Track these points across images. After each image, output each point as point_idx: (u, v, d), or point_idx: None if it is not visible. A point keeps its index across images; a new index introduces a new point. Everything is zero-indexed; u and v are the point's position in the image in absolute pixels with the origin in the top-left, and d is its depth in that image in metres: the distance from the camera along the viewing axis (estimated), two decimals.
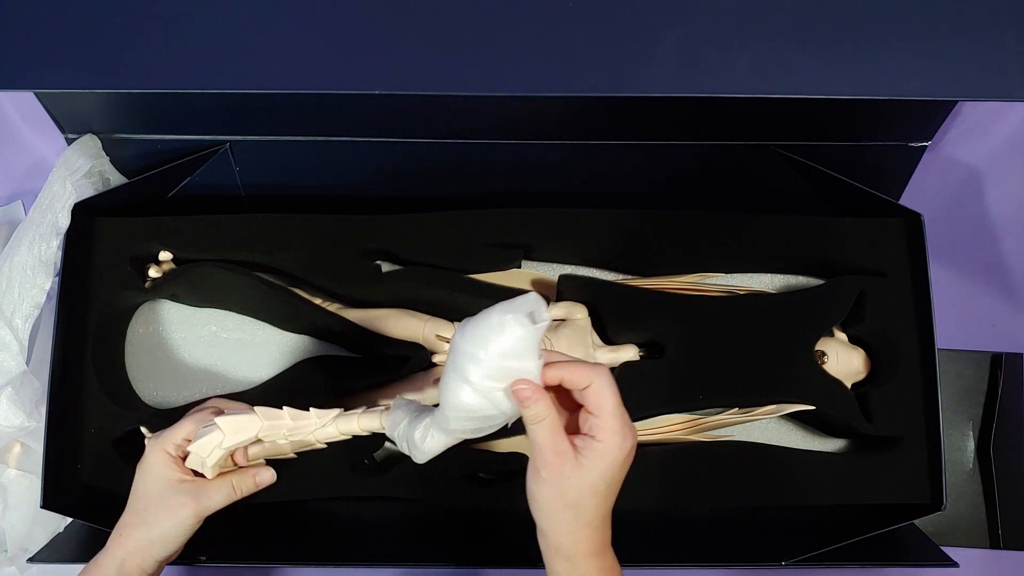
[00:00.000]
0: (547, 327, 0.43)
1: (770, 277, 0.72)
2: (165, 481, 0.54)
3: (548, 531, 0.47)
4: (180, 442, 0.54)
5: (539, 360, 0.44)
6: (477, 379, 0.43)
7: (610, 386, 0.45)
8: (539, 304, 0.43)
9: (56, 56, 0.51)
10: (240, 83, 0.51)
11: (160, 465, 0.54)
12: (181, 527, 0.53)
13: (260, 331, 0.68)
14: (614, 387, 0.45)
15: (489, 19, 0.52)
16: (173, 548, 0.54)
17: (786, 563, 0.63)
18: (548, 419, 0.45)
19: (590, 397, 0.45)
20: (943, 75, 0.52)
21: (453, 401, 0.45)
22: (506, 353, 0.43)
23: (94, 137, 0.67)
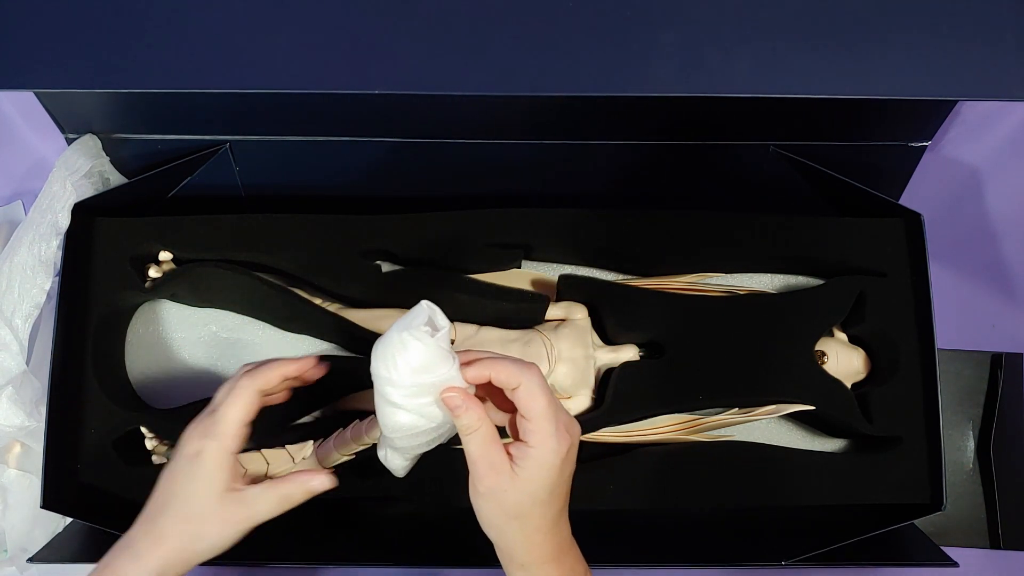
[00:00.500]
0: (449, 331, 0.44)
1: (770, 277, 0.72)
2: (221, 487, 0.48)
3: (499, 543, 0.46)
4: (238, 431, 0.48)
5: (454, 364, 0.43)
6: (400, 399, 0.43)
7: (540, 386, 0.43)
8: (434, 311, 0.44)
9: (56, 56, 0.51)
10: (240, 83, 0.51)
11: (219, 467, 0.47)
12: (229, 542, 0.48)
13: (260, 331, 0.68)
14: (544, 387, 0.43)
15: (489, 19, 0.52)
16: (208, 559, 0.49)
17: (786, 563, 0.63)
18: (480, 430, 0.43)
19: (520, 399, 0.43)
20: (943, 75, 0.52)
21: (389, 423, 0.45)
22: (416, 369, 0.43)
23: (94, 137, 0.67)
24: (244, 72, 0.51)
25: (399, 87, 0.51)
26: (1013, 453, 0.73)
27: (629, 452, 0.65)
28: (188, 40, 0.51)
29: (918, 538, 0.68)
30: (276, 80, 0.51)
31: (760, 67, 0.51)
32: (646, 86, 0.51)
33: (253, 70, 0.51)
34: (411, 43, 0.52)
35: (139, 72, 0.51)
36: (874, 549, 0.65)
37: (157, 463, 0.63)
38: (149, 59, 0.51)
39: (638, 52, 0.51)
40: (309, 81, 0.51)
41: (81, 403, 0.62)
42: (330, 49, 0.52)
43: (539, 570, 0.46)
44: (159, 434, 0.64)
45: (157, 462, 0.63)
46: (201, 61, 0.51)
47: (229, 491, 0.48)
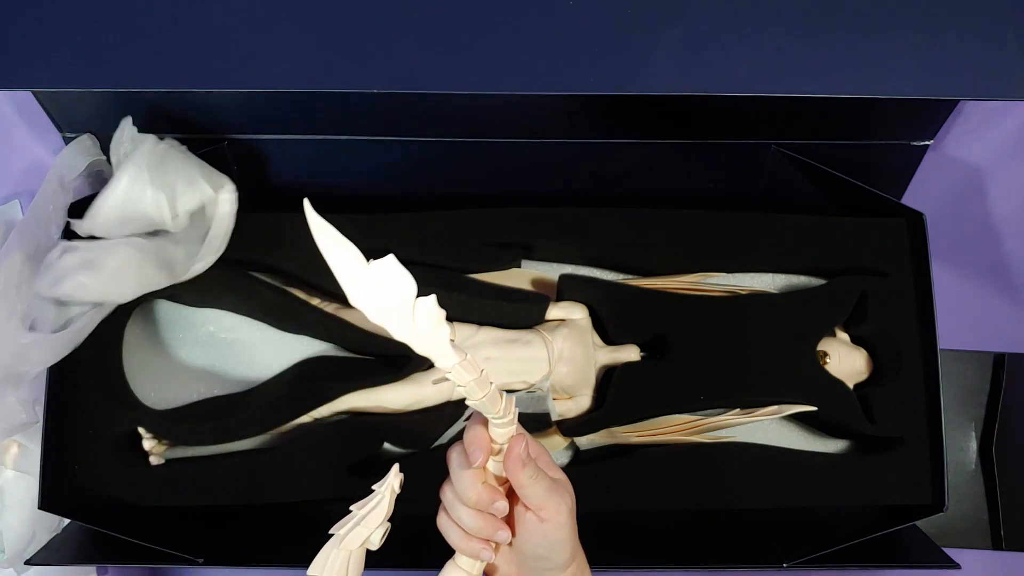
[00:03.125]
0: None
1: (772, 277, 0.71)
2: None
3: (568, 559, 0.48)
4: None
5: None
6: None
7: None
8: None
9: (54, 55, 0.51)
10: (239, 82, 0.51)
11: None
12: None
13: (258, 331, 0.68)
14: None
15: (489, 18, 0.51)
16: None
17: (787, 565, 0.63)
18: (543, 478, 0.46)
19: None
20: (945, 74, 0.51)
21: None
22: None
23: (92, 136, 0.67)
24: (242, 71, 0.51)
25: (398, 86, 0.51)
26: (1015, 454, 0.73)
27: (630, 453, 0.65)
28: (186, 39, 0.51)
29: (920, 539, 0.68)
30: (274, 79, 0.51)
31: (761, 66, 0.51)
32: (646, 85, 0.51)
33: (251, 69, 0.51)
34: (411, 42, 0.51)
35: (137, 71, 0.51)
36: (876, 550, 0.64)
37: (155, 464, 0.63)
38: (147, 58, 0.51)
39: (638, 52, 0.51)
40: (308, 80, 0.51)
41: (79, 403, 0.62)
42: (329, 48, 0.51)
43: (586, 563, 0.50)
44: (157, 434, 0.63)
45: (155, 463, 0.63)
46: (199, 60, 0.51)
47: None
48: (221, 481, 0.62)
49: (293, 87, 0.51)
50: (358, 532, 0.46)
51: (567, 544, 0.47)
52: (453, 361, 0.41)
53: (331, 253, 0.39)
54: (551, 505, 0.45)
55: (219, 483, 0.62)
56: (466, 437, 0.45)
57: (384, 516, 0.46)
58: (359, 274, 0.39)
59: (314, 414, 0.64)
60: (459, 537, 0.47)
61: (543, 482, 0.45)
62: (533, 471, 0.45)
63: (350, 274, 0.39)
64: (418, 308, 0.39)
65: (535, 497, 0.45)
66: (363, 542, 0.46)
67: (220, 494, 0.62)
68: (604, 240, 0.68)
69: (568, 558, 0.48)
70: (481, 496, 0.45)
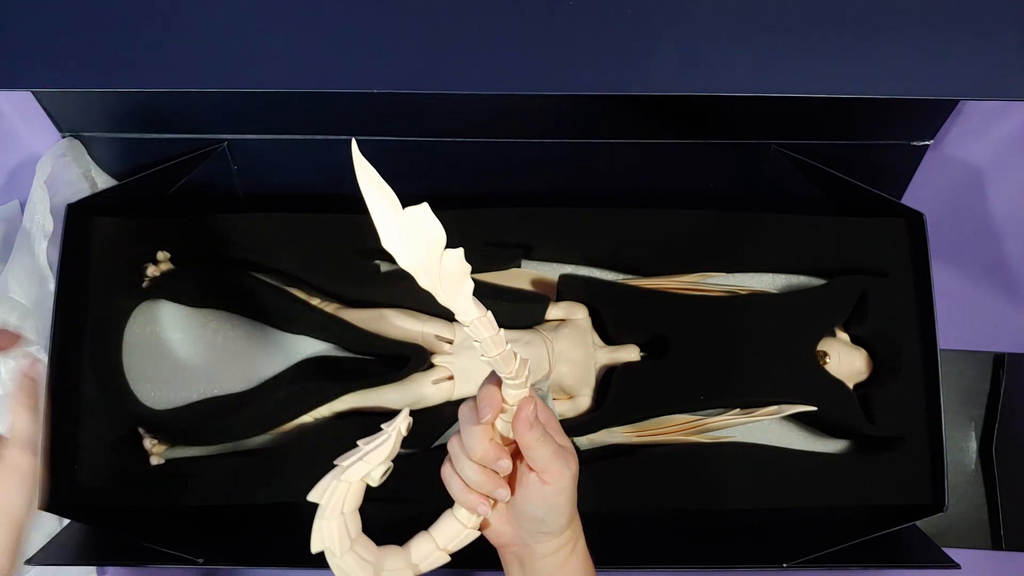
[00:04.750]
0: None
1: (771, 277, 0.71)
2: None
3: (560, 524, 0.48)
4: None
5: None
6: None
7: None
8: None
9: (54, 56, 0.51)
10: (239, 82, 0.51)
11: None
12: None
13: (258, 331, 0.68)
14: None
15: (489, 18, 0.51)
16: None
17: (787, 565, 0.63)
18: (551, 439, 0.47)
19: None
20: (945, 74, 0.51)
21: None
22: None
23: (73, 140, 0.68)
24: (242, 71, 0.51)
25: (398, 86, 0.51)
26: (1015, 454, 0.73)
27: (630, 453, 0.65)
28: (186, 39, 0.51)
29: (920, 539, 0.68)
30: (274, 79, 0.51)
31: (761, 66, 0.51)
32: (646, 85, 0.51)
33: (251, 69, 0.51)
34: (410, 42, 0.51)
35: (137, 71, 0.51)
36: (875, 550, 0.64)
37: (155, 464, 0.63)
38: (147, 58, 0.51)
39: (638, 52, 0.51)
40: (308, 80, 0.51)
41: (79, 404, 0.62)
42: (329, 48, 0.51)
43: (582, 537, 0.51)
44: (157, 435, 0.63)
45: (155, 463, 0.63)
46: (199, 60, 0.51)
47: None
48: (221, 481, 0.62)
49: (293, 87, 0.51)
50: (359, 467, 0.47)
51: (565, 510, 0.48)
52: (473, 315, 0.41)
53: (370, 194, 0.40)
54: (555, 469, 0.46)
55: (219, 483, 0.62)
56: (479, 393, 0.46)
57: (387, 455, 0.47)
58: (393, 218, 0.40)
59: (314, 414, 0.64)
60: (460, 489, 0.48)
61: (549, 446, 0.46)
62: (541, 434, 0.46)
63: (385, 217, 0.40)
64: (445, 258, 0.40)
65: (540, 459, 0.46)
66: (363, 476, 0.48)
67: (220, 494, 0.62)
68: (604, 240, 0.68)
69: (564, 524, 0.48)
70: (487, 452, 0.46)
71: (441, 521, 0.50)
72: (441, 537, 0.50)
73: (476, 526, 0.50)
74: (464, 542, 0.50)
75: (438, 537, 0.50)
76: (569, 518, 0.49)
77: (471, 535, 0.50)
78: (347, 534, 0.48)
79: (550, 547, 0.49)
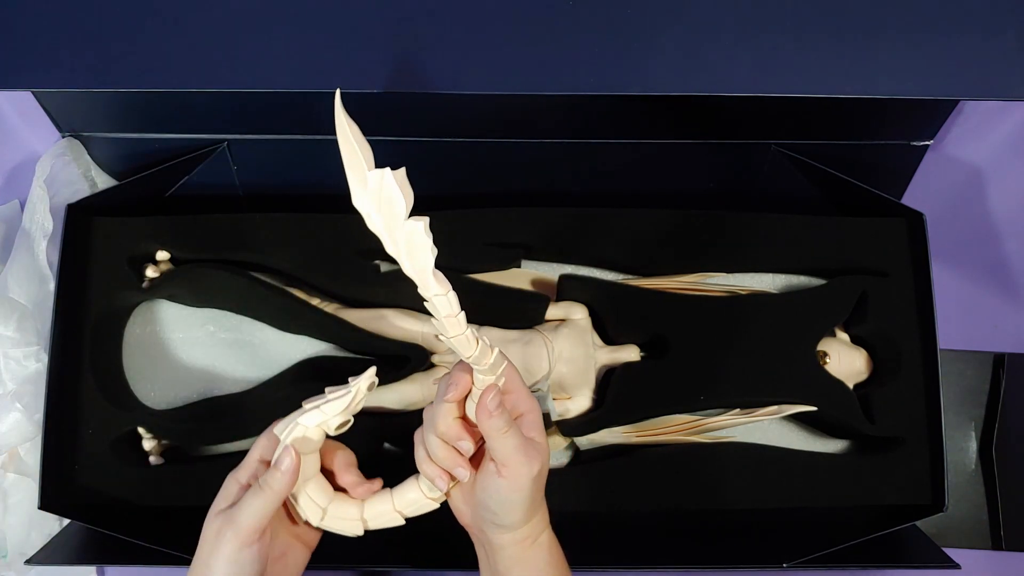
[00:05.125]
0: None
1: (771, 277, 0.71)
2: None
3: (518, 519, 0.48)
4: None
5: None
6: None
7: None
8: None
9: (54, 56, 0.51)
10: (239, 82, 0.51)
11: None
12: (234, 564, 0.46)
13: (258, 331, 0.68)
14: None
15: (489, 19, 0.51)
16: None
17: (787, 565, 0.63)
18: (514, 428, 0.46)
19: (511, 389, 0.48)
20: (945, 74, 0.51)
21: None
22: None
23: (73, 140, 0.68)
24: (242, 71, 0.51)
25: (398, 86, 0.51)
26: (1015, 454, 0.73)
27: (630, 453, 0.65)
28: (186, 39, 0.51)
29: (920, 539, 0.68)
30: (274, 79, 0.51)
31: (761, 66, 0.51)
32: (646, 85, 0.51)
33: (251, 69, 0.51)
34: (411, 43, 0.51)
35: (137, 71, 0.51)
36: (875, 550, 0.64)
37: (154, 463, 0.63)
38: (147, 59, 0.51)
39: (638, 52, 0.51)
40: (308, 80, 0.51)
41: (79, 404, 0.62)
42: (329, 48, 0.51)
43: (548, 533, 0.50)
44: (156, 434, 0.63)
45: (154, 463, 0.63)
46: (199, 60, 0.51)
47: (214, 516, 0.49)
48: (221, 481, 0.62)
49: (292, 87, 0.51)
50: (315, 415, 0.48)
51: (520, 508, 0.47)
52: (432, 291, 0.42)
53: (345, 148, 0.40)
54: (513, 463, 0.46)
55: (219, 483, 0.62)
56: (452, 370, 0.47)
57: (343, 408, 0.48)
58: (362, 176, 0.40)
59: None
60: (422, 458, 0.49)
61: (512, 439, 0.46)
62: (503, 425, 0.45)
63: (356, 174, 0.40)
64: (407, 226, 0.40)
65: (499, 451, 0.46)
66: (320, 424, 0.48)
67: None
68: (604, 240, 0.68)
69: (518, 520, 0.48)
70: (448, 429, 0.47)
71: (404, 484, 0.51)
72: (400, 500, 0.51)
73: (435, 499, 0.50)
74: (420, 511, 0.51)
75: (397, 499, 0.51)
76: (524, 516, 0.48)
77: (429, 505, 0.51)
78: (300, 474, 0.49)
79: (504, 540, 0.49)
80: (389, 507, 0.51)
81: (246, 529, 0.46)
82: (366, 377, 0.48)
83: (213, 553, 0.46)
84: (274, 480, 0.47)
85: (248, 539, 0.46)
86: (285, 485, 0.47)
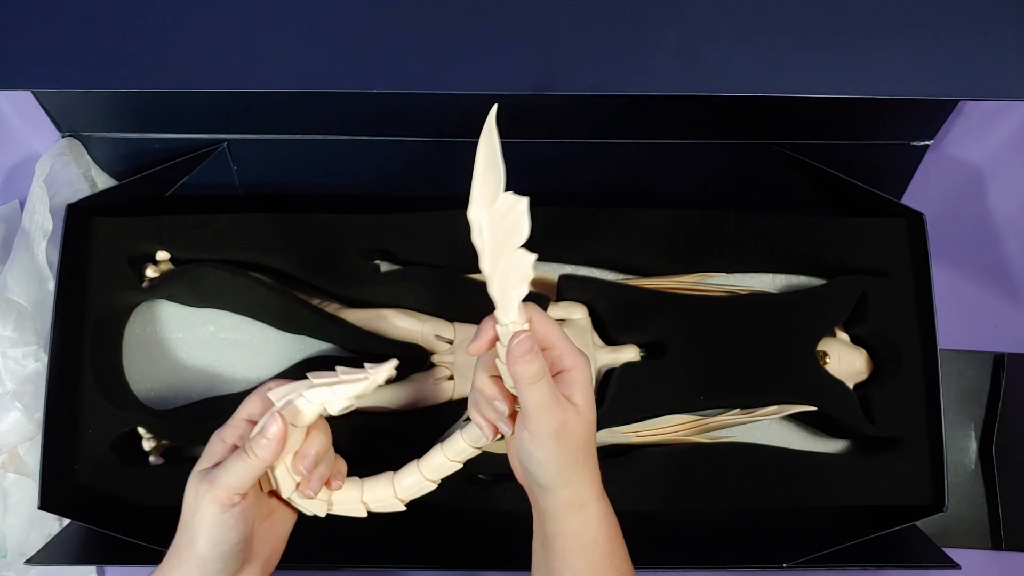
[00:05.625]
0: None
1: (771, 277, 0.71)
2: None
3: (559, 484, 0.47)
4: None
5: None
6: None
7: (552, 321, 0.47)
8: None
9: (54, 56, 0.51)
10: (239, 82, 0.51)
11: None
12: (216, 526, 0.46)
13: (258, 331, 0.68)
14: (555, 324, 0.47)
15: (489, 18, 0.51)
16: (233, 559, 0.47)
17: (787, 565, 0.63)
18: (546, 376, 0.45)
19: (538, 330, 0.46)
20: (945, 74, 0.51)
21: None
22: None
23: (72, 140, 0.67)
24: (242, 71, 0.51)
25: (398, 86, 0.51)
26: (1015, 454, 0.73)
27: (630, 453, 0.65)
28: (186, 39, 0.51)
29: (920, 539, 0.68)
30: (274, 79, 0.51)
31: (761, 66, 0.51)
32: (647, 85, 0.51)
33: (251, 69, 0.51)
34: (410, 42, 0.51)
35: (137, 72, 0.51)
36: (875, 551, 0.64)
37: (154, 463, 0.63)
38: (147, 58, 0.51)
39: (638, 52, 0.51)
40: (308, 80, 0.51)
41: (79, 404, 0.62)
42: (329, 48, 0.51)
43: (597, 506, 0.48)
44: (157, 435, 0.63)
45: (154, 463, 0.63)
46: (199, 60, 0.51)
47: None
48: None
49: (293, 87, 0.51)
50: (325, 391, 0.47)
51: (549, 467, 0.46)
52: (510, 319, 0.43)
53: (485, 160, 0.42)
54: (534, 417, 0.44)
55: None
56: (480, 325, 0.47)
57: (355, 394, 0.47)
58: (491, 192, 0.42)
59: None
60: (471, 403, 0.49)
61: (538, 393, 0.44)
62: (530, 374, 0.44)
63: (487, 189, 0.42)
64: (517, 255, 0.42)
65: (524, 401, 0.45)
66: (323, 402, 0.47)
67: None
68: (604, 240, 0.67)
69: (550, 481, 0.46)
70: (483, 385, 0.47)
71: (452, 433, 0.51)
72: (400, 484, 0.52)
73: (480, 446, 0.50)
74: (421, 492, 0.52)
75: (398, 482, 0.52)
76: (556, 476, 0.46)
77: (428, 487, 0.52)
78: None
79: (546, 502, 0.47)
80: (419, 476, 0.52)
81: (227, 492, 0.45)
82: (386, 369, 0.48)
83: (195, 516, 0.46)
84: (259, 447, 0.46)
85: (229, 502, 0.45)
86: (271, 453, 0.46)
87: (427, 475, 0.52)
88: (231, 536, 0.46)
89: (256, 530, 0.49)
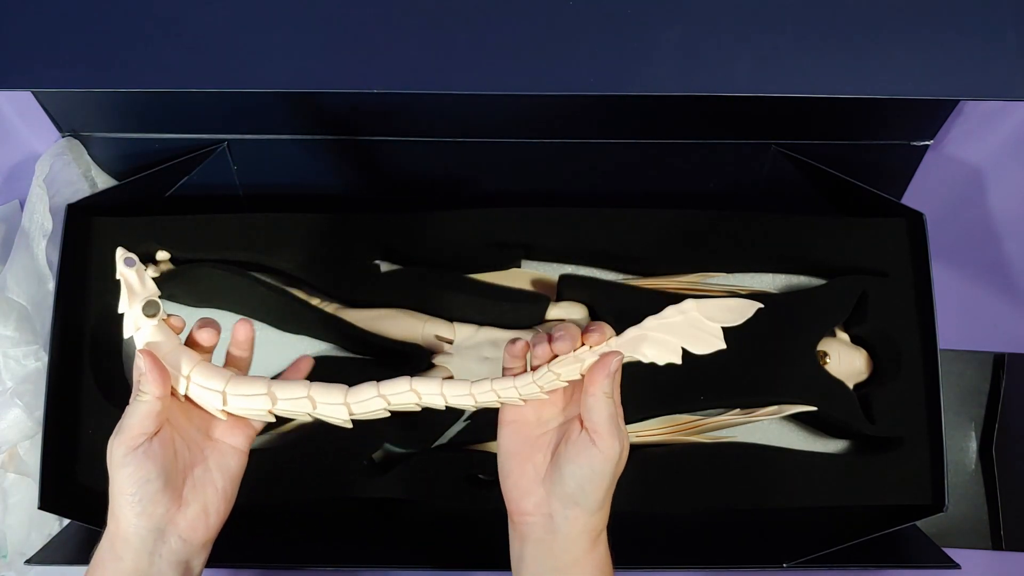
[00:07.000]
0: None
1: (771, 277, 0.71)
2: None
3: (594, 506, 0.47)
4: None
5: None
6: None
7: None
8: None
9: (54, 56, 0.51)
10: (238, 82, 0.51)
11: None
12: (125, 467, 0.46)
13: (258, 331, 0.67)
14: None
15: (489, 18, 0.51)
16: (150, 500, 0.46)
17: (787, 565, 0.63)
18: (615, 392, 0.47)
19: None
20: (945, 74, 0.51)
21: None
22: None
23: (72, 140, 0.67)
24: (242, 71, 0.51)
25: (398, 86, 0.51)
26: (1015, 454, 0.73)
27: (630, 453, 0.64)
28: (186, 39, 0.51)
29: (920, 539, 0.68)
30: (274, 79, 0.51)
31: (761, 66, 0.51)
32: (647, 85, 0.51)
33: (251, 69, 0.51)
34: (410, 42, 0.51)
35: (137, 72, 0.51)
36: (875, 551, 0.64)
37: None
38: (147, 58, 0.51)
39: (638, 52, 0.51)
40: (308, 80, 0.51)
41: (79, 404, 0.62)
42: (329, 48, 0.51)
43: (604, 539, 0.50)
44: None
45: None
46: (199, 60, 0.51)
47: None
48: None
49: (293, 87, 0.51)
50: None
51: (603, 486, 0.47)
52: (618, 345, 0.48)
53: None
54: (605, 433, 0.46)
55: None
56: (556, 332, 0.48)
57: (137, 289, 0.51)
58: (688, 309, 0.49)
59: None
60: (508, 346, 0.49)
61: (612, 407, 0.46)
62: (610, 389, 0.46)
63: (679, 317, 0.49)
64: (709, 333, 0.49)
65: (598, 414, 0.46)
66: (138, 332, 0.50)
67: None
68: (604, 240, 0.67)
69: (596, 502, 0.47)
70: (512, 346, 0.48)
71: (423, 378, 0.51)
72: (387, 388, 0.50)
73: (451, 397, 0.50)
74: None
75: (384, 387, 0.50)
76: (603, 497, 0.47)
77: (412, 400, 0.50)
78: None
79: (575, 528, 0.47)
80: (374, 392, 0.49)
81: (127, 432, 0.46)
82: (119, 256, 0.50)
83: (109, 466, 0.47)
84: (143, 383, 0.47)
85: (132, 442, 0.46)
86: (153, 383, 0.47)
87: (383, 391, 0.50)
88: (143, 472, 0.46)
89: (193, 472, 0.48)
